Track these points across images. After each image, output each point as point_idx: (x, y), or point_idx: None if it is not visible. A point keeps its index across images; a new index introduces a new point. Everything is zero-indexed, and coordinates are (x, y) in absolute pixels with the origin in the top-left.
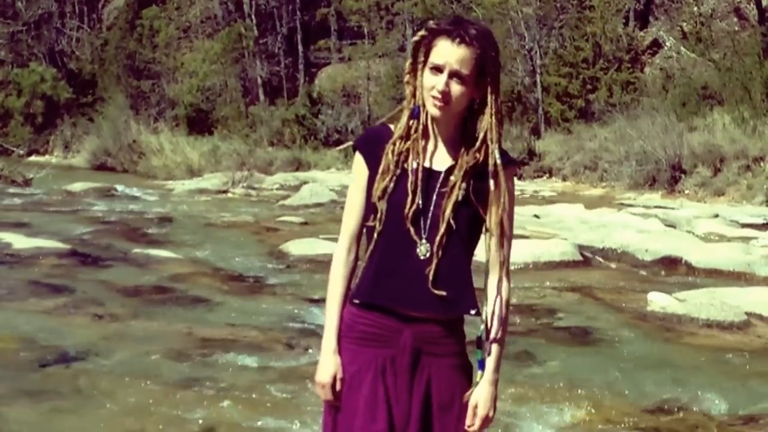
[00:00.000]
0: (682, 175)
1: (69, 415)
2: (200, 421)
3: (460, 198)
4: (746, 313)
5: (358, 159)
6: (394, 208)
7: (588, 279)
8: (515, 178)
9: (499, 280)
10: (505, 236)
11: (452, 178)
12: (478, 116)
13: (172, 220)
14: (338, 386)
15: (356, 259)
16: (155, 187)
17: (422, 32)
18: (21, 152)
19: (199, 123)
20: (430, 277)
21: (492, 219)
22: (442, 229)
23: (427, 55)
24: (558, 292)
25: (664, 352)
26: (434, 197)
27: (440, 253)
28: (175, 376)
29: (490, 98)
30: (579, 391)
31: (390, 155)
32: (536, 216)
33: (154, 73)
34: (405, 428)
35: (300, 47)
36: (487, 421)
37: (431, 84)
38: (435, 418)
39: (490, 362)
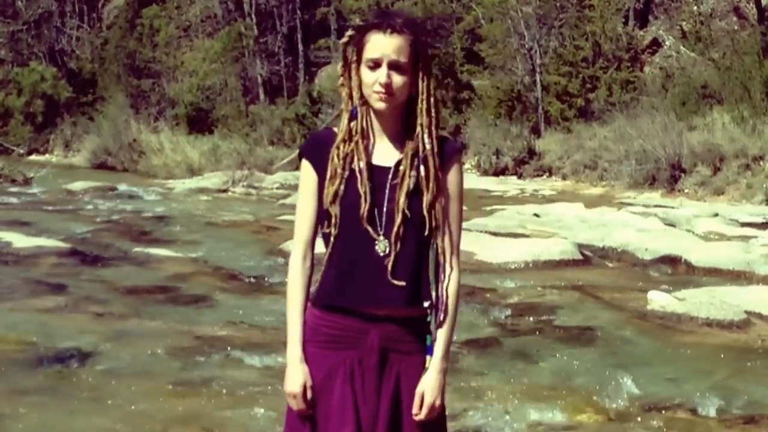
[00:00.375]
0: (682, 174)
1: (69, 414)
2: (200, 420)
3: (411, 187)
4: (746, 312)
5: (306, 166)
6: (348, 210)
7: (588, 278)
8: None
9: (444, 267)
10: (449, 223)
11: (401, 169)
12: (417, 110)
13: (173, 219)
14: (309, 394)
15: (312, 265)
16: (155, 186)
17: (350, 32)
18: (21, 151)
19: (200, 122)
20: (389, 268)
21: (430, 205)
22: (397, 222)
23: (359, 54)
24: (558, 290)
25: (663, 351)
26: (387, 192)
27: (398, 245)
28: (175, 374)
29: (422, 84)
30: (579, 389)
31: (336, 159)
32: (536, 215)
33: (155, 72)
34: (373, 428)
35: (300, 46)
36: (433, 409)
37: (372, 79)
38: (405, 416)
39: (437, 350)
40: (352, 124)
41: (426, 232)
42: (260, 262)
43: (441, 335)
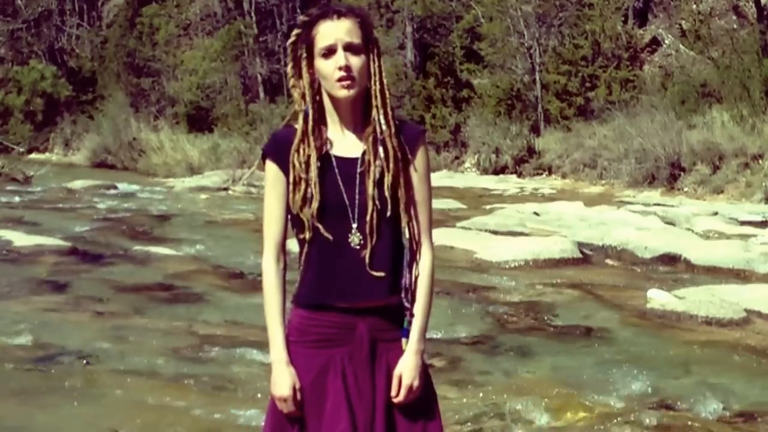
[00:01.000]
0: (681, 173)
1: (69, 412)
2: (201, 418)
3: (377, 175)
4: (745, 310)
5: (271, 167)
6: (319, 211)
7: (587, 276)
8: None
9: (416, 249)
10: (419, 205)
11: (366, 158)
12: (372, 93)
13: (173, 218)
14: (299, 396)
15: (285, 267)
16: (155, 185)
17: (296, 30)
18: (21, 150)
19: (200, 120)
20: (367, 260)
21: (393, 186)
22: (368, 214)
23: (310, 50)
24: (557, 289)
25: (663, 350)
26: (357, 184)
27: (372, 236)
28: (175, 372)
29: (373, 66)
30: (578, 387)
31: (297, 164)
32: (536, 213)
33: (154, 71)
34: (372, 420)
35: None
36: (411, 391)
37: (330, 68)
38: (400, 402)
39: (413, 331)
40: (307, 124)
41: (392, 215)
42: (260, 260)
43: (416, 318)
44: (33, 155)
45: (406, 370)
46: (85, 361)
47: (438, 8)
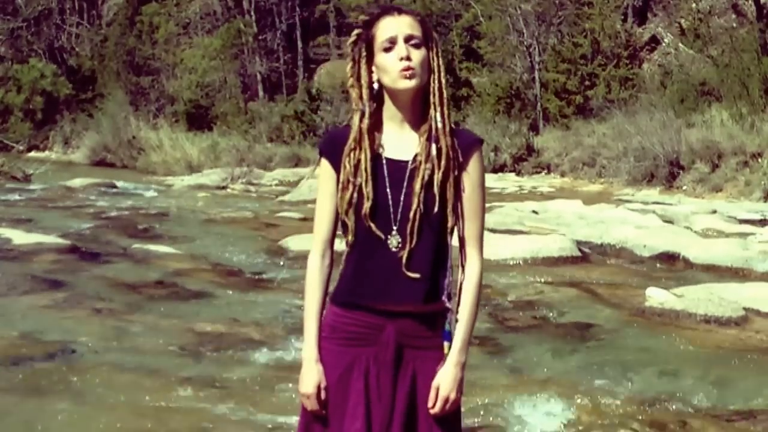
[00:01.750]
0: (680, 171)
1: (68, 410)
2: (199, 416)
3: (426, 178)
4: (744, 309)
5: (325, 164)
6: (361, 214)
7: (586, 274)
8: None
9: (464, 259)
10: (471, 214)
11: (418, 158)
12: (431, 92)
13: (172, 216)
14: (323, 395)
15: (331, 264)
16: (155, 183)
17: (357, 31)
18: (21, 148)
19: (199, 119)
20: (404, 261)
21: (442, 184)
22: (411, 215)
23: (370, 48)
24: (556, 287)
25: (661, 348)
26: (404, 186)
27: (412, 239)
28: (174, 371)
29: (433, 63)
30: (577, 386)
31: (348, 166)
32: (535, 212)
33: (154, 70)
34: (389, 424)
35: (299, 43)
36: (448, 403)
37: (391, 60)
38: (421, 412)
39: (454, 343)
40: (362, 123)
41: (436, 218)
42: (259, 258)
43: (459, 329)
44: (32, 153)
45: (444, 382)
46: (83, 359)
47: (437, 7)
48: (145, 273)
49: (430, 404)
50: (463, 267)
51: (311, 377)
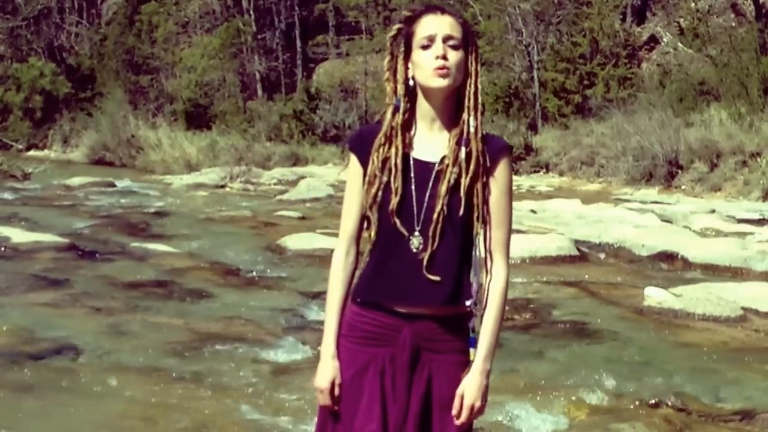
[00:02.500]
0: (679, 171)
1: (65, 409)
2: (197, 415)
3: (452, 182)
4: (742, 308)
5: (353, 160)
6: (386, 207)
7: (584, 274)
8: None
9: (490, 264)
10: (498, 218)
11: (445, 161)
12: (465, 94)
13: (171, 215)
14: (337, 391)
15: (356, 260)
16: (153, 182)
17: (398, 25)
18: (20, 147)
19: (198, 118)
20: (425, 263)
21: (469, 187)
22: (435, 214)
23: (408, 44)
24: (554, 286)
25: (660, 347)
26: (429, 188)
27: (434, 242)
28: (171, 369)
29: (471, 67)
30: (575, 384)
31: (376, 161)
32: (533, 211)
33: (153, 69)
34: (402, 426)
35: (298, 43)
36: (473, 411)
37: (427, 58)
38: (435, 415)
39: (480, 350)
40: (395, 117)
41: (461, 221)
42: (258, 257)
43: (483, 336)
44: (32, 152)
45: (469, 390)
46: (81, 358)
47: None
48: (143, 272)
49: (455, 412)
50: (488, 273)
51: (326, 372)
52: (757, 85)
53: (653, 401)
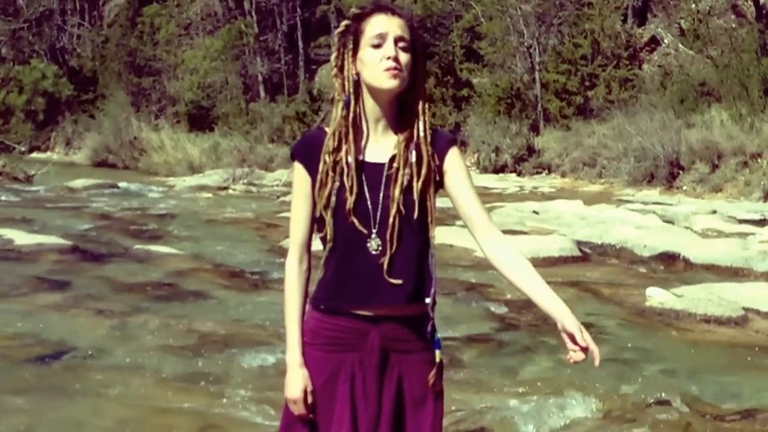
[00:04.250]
0: (680, 172)
1: (69, 410)
2: (201, 417)
3: (405, 183)
4: (744, 309)
5: (298, 168)
6: (341, 210)
7: (586, 274)
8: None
9: (495, 241)
10: (472, 202)
11: (395, 164)
12: (412, 97)
13: (173, 217)
14: (309, 399)
15: (309, 268)
16: (156, 184)
17: (346, 21)
18: (22, 149)
19: (200, 120)
20: (385, 267)
21: (422, 192)
22: (391, 217)
23: (357, 41)
24: (556, 287)
25: (661, 347)
26: (381, 189)
27: (393, 244)
28: (175, 371)
29: (418, 72)
30: (576, 385)
31: (327, 159)
32: (535, 212)
33: (155, 70)
34: (375, 429)
35: (300, 44)
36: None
37: (378, 57)
38: (408, 414)
39: (557, 301)
40: (343, 113)
41: (418, 221)
42: (260, 259)
43: (547, 291)
44: (34, 154)
45: (572, 322)
46: (85, 359)
47: (438, 7)
48: (146, 273)
49: (583, 344)
50: (494, 249)
51: (297, 381)
52: (758, 86)
53: (655, 401)
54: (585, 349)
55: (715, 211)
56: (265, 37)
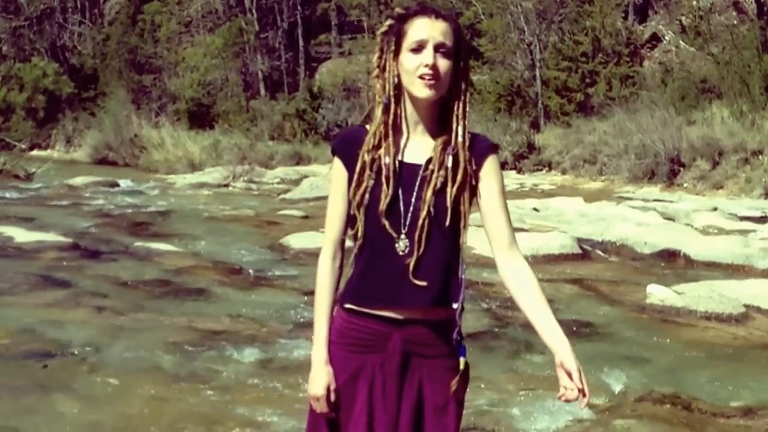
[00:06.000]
0: (681, 169)
1: (69, 408)
2: (200, 414)
3: (439, 184)
4: (744, 306)
5: (337, 163)
6: (372, 209)
7: (587, 272)
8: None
9: (515, 261)
10: (501, 216)
11: (430, 167)
12: (453, 101)
13: (174, 214)
14: (332, 397)
15: (342, 265)
16: (157, 181)
17: (389, 21)
18: (23, 147)
19: (201, 117)
20: (411, 268)
21: (455, 199)
22: (421, 218)
23: (398, 42)
24: (557, 284)
25: (662, 344)
26: (415, 191)
27: (421, 245)
28: (175, 368)
29: (462, 75)
30: None
31: (365, 158)
32: (535, 209)
33: (156, 68)
34: None
35: (300, 42)
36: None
37: (416, 63)
38: (429, 422)
39: (558, 332)
40: (387, 115)
41: (450, 227)
42: (261, 256)
43: (550, 321)
44: (35, 152)
45: (573, 365)
46: (85, 357)
47: (438, 3)
48: (146, 271)
49: (569, 387)
50: (510, 271)
51: (321, 379)
52: (759, 83)
53: (655, 398)
54: (579, 390)
55: (715, 208)
56: (266, 35)
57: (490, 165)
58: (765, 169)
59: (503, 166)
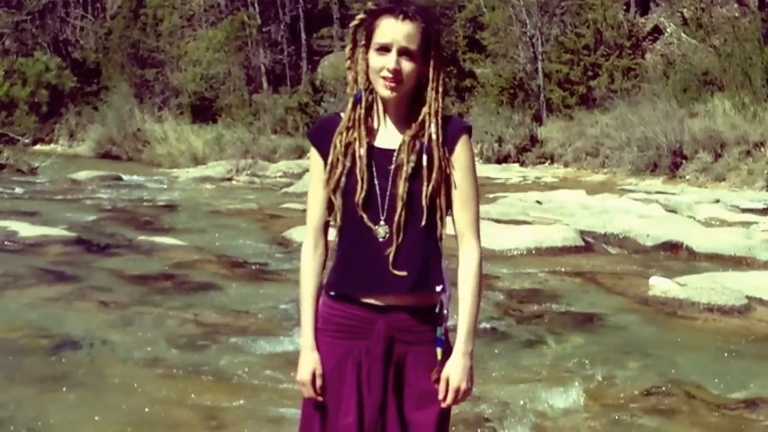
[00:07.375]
0: (683, 161)
1: (73, 401)
2: (205, 407)
3: (409, 172)
4: (747, 297)
5: (313, 152)
6: (350, 197)
7: (590, 264)
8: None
9: (463, 246)
10: (463, 202)
11: (401, 154)
12: (425, 90)
13: (177, 208)
14: (319, 382)
15: (325, 252)
16: (160, 175)
17: (361, 15)
18: (26, 141)
19: (203, 111)
20: (391, 258)
21: (432, 195)
22: (398, 208)
23: (369, 38)
24: (560, 277)
25: (665, 336)
26: (390, 176)
27: (399, 233)
28: (179, 362)
29: (433, 72)
30: (580, 374)
31: (338, 146)
32: (538, 202)
33: (158, 62)
34: (380, 418)
35: (303, 35)
36: (460, 393)
37: (380, 65)
38: (414, 405)
39: (460, 331)
40: (356, 108)
41: (427, 221)
42: (264, 249)
43: (462, 318)
44: (38, 146)
45: (454, 372)
46: (89, 351)
47: None
48: (150, 265)
49: (441, 396)
50: (460, 256)
51: (307, 364)
52: (761, 75)
53: (657, 390)
54: (444, 395)
55: (718, 201)
56: (268, 29)
57: (461, 146)
58: (767, 161)
59: (506, 158)
